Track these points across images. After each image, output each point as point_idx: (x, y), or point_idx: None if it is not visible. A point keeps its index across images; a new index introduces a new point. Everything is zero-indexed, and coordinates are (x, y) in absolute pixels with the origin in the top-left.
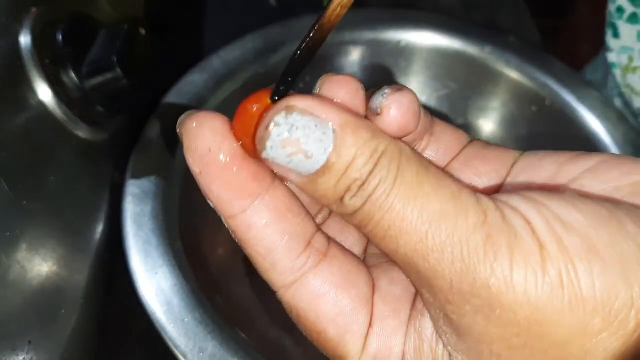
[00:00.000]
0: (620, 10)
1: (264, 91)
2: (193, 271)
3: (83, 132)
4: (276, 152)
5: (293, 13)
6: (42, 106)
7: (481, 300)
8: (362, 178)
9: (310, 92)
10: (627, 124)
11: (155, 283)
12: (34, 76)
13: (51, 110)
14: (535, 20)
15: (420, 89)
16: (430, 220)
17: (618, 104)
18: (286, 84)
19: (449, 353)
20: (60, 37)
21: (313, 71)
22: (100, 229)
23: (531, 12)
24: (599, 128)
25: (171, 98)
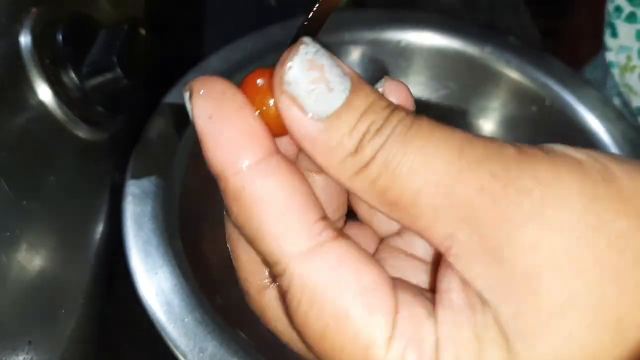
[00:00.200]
0: (618, 9)
1: (265, 68)
2: (193, 271)
3: (83, 132)
4: (300, 74)
5: (293, 13)
6: (42, 106)
7: (524, 207)
8: (380, 120)
9: None
10: (626, 123)
11: (155, 283)
12: (34, 76)
13: (51, 110)
14: (535, 20)
15: (420, 89)
16: (460, 145)
17: (617, 103)
18: (311, 32)
19: (493, 316)
20: (60, 37)
21: None
22: (100, 229)
23: (531, 12)
24: (598, 128)
25: (171, 98)
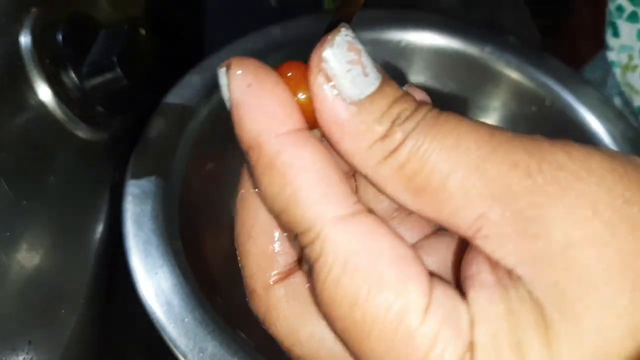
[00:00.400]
0: (620, 9)
1: (294, 62)
2: (193, 271)
3: (83, 132)
4: (339, 54)
5: (293, 13)
6: (42, 106)
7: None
8: (411, 107)
9: None
10: (626, 123)
11: (155, 283)
12: (34, 76)
13: (51, 110)
14: (535, 20)
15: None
16: (490, 131)
17: (618, 102)
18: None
19: (526, 290)
20: (60, 37)
21: None
22: (100, 229)
23: (531, 12)
24: (598, 128)
25: (171, 98)
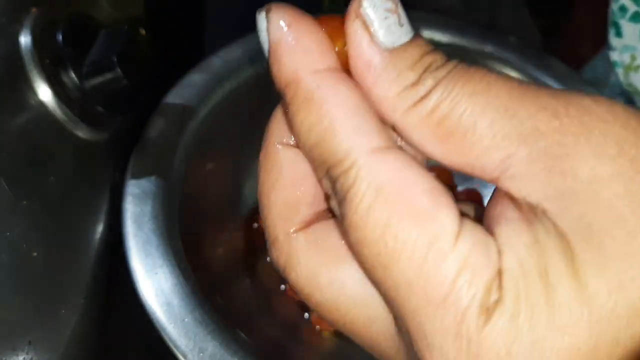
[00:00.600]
0: (623, 9)
1: (331, 14)
2: (193, 271)
3: (83, 132)
4: (375, 6)
5: None
6: (42, 106)
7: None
8: (440, 60)
9: None
10: None
11: (155, 283)
12: (34, 76)
13: (51, 110)
14: (535, 20)
15: None
16: (518, 81)
17: (619, 102)
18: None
19: (552, 224)
20: (60, 37)
21: None
22: (100, 229)
23: (531, 12)
24: None
25: (171, 98)
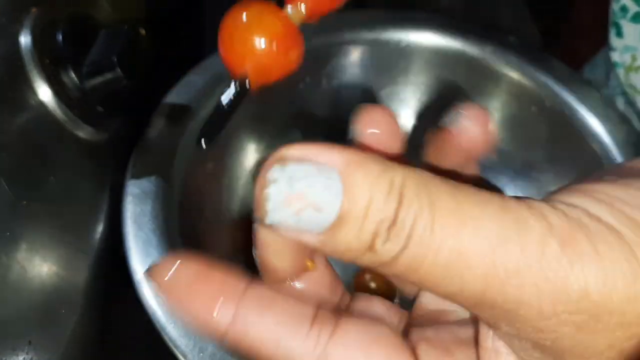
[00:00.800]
0: (624, 9)
1: (246, 2)
2: None
3: (83, 132)
4: (280, 214)
5: None
6: (42, 106)
7: (583, 314)
8: (388, 218)
9: (310, 92)
10: (628, 124)
11: None
12: (34, 76)
13: (51, 110)
14: (535, 20)
15: (420, 89)
16: (491, 245)
17: (620, 102)
18: (213, 130)
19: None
20: (60, 37)
21: (312, 71)
22: (100, 229)
23: (531, 12)
24: (599, 128)
25: (171, 98)
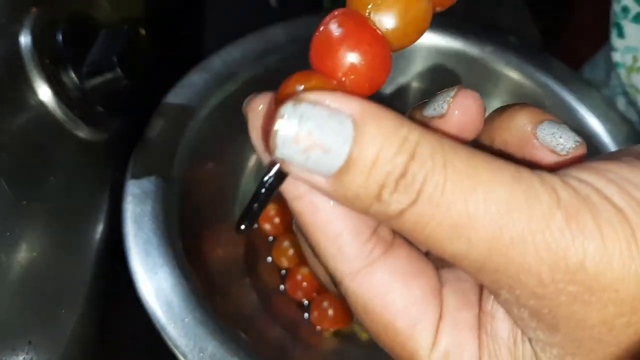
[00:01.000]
0: (625, 10)
1: (302, 73)
2: (193, 271)
3: (83, 132)
4: (289, 149)
5: (293, 13)
6: (42, 106)
7: (578, 285)
8: (397, 171)
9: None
10: (628, 124)
11: (155, 283)
12: (34, 76)
13: (51, 110)
14: (535, 20)
15: (420, 89)
16: (500, 211)
17: (621, 103)
18: (253, 214)
19: (533, 351)
20: (60, 37)
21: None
22: (100, 229)
23: (531, 12)
24: (599, 128)
25: (171, 98)
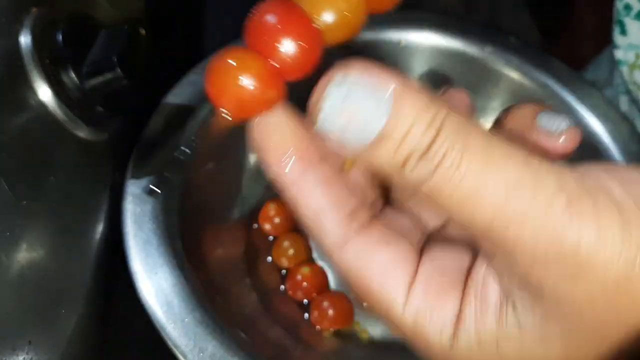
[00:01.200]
0: (627, 7)
1: (235, 48)
2: (193, 271)
3: (83, 132)
4: (330, 125)
5: None
6: (42, 106)
7: (569, 265)
8: (421, 148)
9: (309, 92)
10: (629, 124)
11: (155, 283)
12: (34, 76)
13: (51, 110)
14: (535, 20)
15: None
16: (507, 190)
17: (624, 101)
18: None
19: (517, 320)
20: (60, 37)
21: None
22: (100, 229)
23: (531, 12)
24: (599, 128)
25: (171, 98)
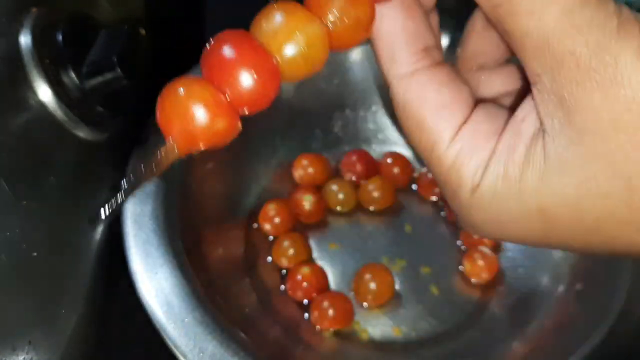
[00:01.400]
0: (629, 5)
1: (188, 77)
2: (193, 271)
3: (83, 132)
4: None
5: None
6: (42, 106)
7: (605, 74)
8: None
9: (308, 92)
10: None
11: (155, 283)
12: (34, 76)
13: (51, 110)
14: None
15: None
16: (573, 3)
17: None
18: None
19: (544, 149)
20: (60, 37)
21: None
22: (100, 229)
23: None
24: None
25: None
